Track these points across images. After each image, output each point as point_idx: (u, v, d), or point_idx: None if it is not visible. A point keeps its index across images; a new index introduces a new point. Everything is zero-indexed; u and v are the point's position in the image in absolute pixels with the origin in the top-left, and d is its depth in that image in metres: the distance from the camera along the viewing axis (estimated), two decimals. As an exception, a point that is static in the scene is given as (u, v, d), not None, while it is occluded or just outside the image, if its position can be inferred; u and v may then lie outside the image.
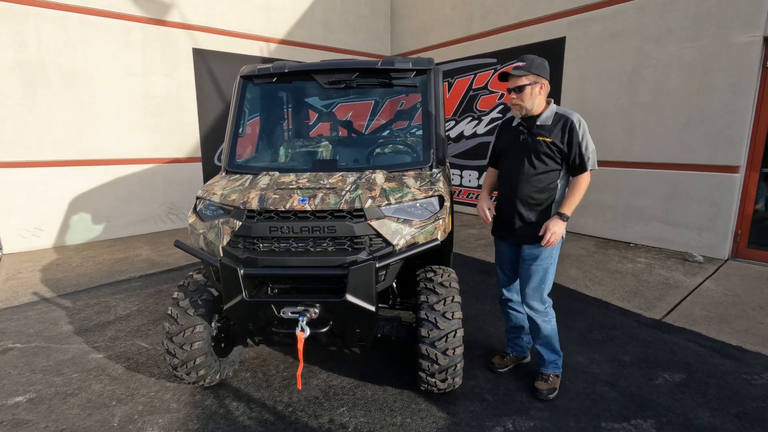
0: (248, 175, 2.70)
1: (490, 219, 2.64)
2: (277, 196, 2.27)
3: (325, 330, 2.19)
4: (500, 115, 7.17)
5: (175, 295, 2.41)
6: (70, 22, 5.70)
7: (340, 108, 5.24)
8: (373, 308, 2.10)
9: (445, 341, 2.21)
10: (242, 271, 2.09)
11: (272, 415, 2.34)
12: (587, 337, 3.21)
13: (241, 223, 2.24)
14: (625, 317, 3.55)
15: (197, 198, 2.58)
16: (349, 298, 2.06)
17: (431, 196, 2.40)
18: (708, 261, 4.84)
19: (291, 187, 2.37)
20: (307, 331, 2.08)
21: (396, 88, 3.01)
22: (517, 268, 2.64)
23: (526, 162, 2.41)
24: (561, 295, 3.81)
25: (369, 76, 2.93)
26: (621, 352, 2.97)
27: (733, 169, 4.72)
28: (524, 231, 2.44)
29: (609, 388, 2.56)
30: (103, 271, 4.88)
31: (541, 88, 2.35)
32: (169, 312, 2.36)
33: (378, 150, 3.25)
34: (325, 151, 3.54)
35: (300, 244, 2.21)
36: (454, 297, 2.29)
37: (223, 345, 2.62)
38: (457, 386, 2.36)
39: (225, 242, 2.26)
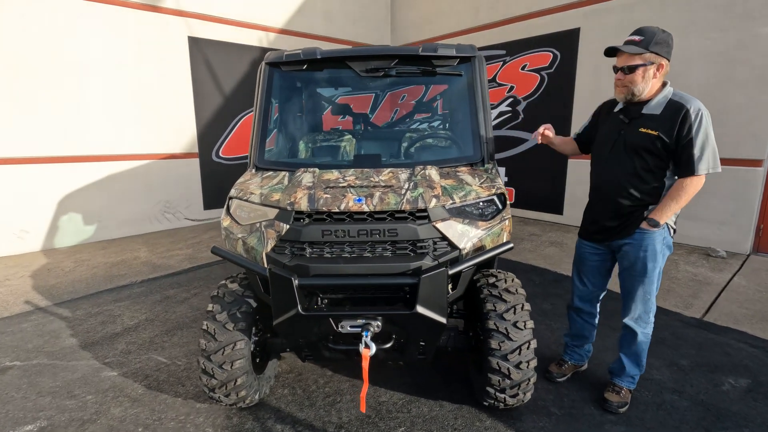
0: (283, 172, 2.44)
1: (542, 132, 2.46)
2: (329, 196, 2.02)
3: (389, 346, 1.97)
4: (509, 109, 7.01)
5: (210, 308, 2.14)
6: (56, 6, 5.25)
7: (340, 101, 4.97)
8: (444, 320, 1.88)
9: (519, 354, 2.00)
10: (297, 281, 1.84)
11: (324, 439, 2.10)
12: (635, 339, 3.07)
13: (288, 226, 1.99)
14: (667, 317, 3.42)
15: (230, 198, 2.31)
16: (420, 309, 1.83)
17: (494, 194, 2.19)
18: (731, 256, 4.79)
19: (341, 185, 2.13)
20: (373, 348, 1.85)
21: (418, 76, 2.79)
22: (599, 279, 2.39)
23: (625, 157, 2.07)
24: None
25: (410, 64, 2.70)
26: (677, 356, 2.83)
27: (756, 163, 4.66)
28: (617, 231, 2.17)
29: (677, 396, 2.41)
30: (101, 276, 4.52)
31: (658, 69, 1.96)
32: (205, 327, 2.09)
33: (419, 144, 3.01)
34: (348, 145, 3.29)
35: (354, 249, 1.98)
36: (523, 305, 2.08)
37: (258, 360, 2.36)
38: (525, 401, 2.16)
39: (269, 248, 2.00)
